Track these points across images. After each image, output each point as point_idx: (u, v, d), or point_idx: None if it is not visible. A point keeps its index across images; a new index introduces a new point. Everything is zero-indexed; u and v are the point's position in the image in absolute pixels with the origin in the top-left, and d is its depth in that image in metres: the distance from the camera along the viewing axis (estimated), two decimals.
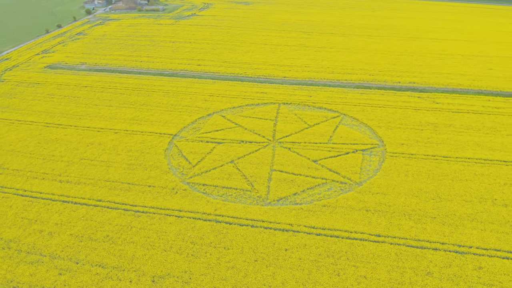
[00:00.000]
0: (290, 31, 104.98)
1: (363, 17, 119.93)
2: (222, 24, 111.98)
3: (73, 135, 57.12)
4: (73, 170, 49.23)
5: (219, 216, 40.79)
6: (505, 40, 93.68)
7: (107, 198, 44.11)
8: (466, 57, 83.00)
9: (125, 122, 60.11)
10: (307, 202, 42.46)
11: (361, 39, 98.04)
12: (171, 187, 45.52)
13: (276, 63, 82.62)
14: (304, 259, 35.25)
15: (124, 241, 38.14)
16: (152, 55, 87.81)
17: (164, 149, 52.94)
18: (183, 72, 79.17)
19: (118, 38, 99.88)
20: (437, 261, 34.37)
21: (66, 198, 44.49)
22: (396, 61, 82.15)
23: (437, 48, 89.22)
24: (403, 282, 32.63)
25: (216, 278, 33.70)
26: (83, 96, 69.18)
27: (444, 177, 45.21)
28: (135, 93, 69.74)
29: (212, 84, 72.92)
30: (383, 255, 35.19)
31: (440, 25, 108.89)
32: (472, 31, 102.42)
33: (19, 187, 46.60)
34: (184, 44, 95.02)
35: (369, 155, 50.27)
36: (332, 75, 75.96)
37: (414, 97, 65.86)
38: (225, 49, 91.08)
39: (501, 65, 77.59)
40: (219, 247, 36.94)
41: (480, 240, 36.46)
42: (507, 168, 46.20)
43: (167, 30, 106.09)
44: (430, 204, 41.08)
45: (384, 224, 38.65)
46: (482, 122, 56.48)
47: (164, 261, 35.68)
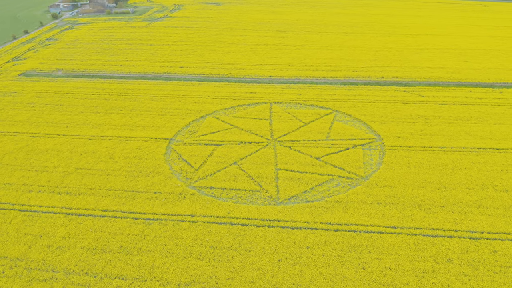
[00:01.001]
0: (267, 30, 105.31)
1: (336, 15, 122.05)
2: (197, 25, 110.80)
3: (63, 144, 54.86)
4: (71, 180, 47.31)
5: (233, 219, 40.42)
6: (475, 34, 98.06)
7: (113, 207, 42.70)
8: (442, 51, 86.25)
9: (116, 129, 58.34)
10: (318, 199, 42.82)
11: (338, 36, 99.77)
12: (178, 192, 44.66)
13: (259, 62, 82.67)
14: (327, 255, 35.55)
15: (140, 250, 37.06)
16: (131, 59, 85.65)
17: (162, 154, 51.84)
18: (167, 75, 77.77)
19: (91, 42, 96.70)
20: (454, 248, 35.58)
21: (68, 210, 42.71)
22: (376, 57, 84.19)
23: (412, 43, 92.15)
24: (427, 271, 33.57)
25: (244, 281, 33.39)
26: (66, 103, 66.54)
27: (444, 167, 46.84)
28: (121, 98, 67.83)
29: (199, 86, 72.05)
30: (402, 246, 36.05)
31: (411, 21, 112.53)
32: (443, 26, 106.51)
33: (15, 201, 44.28)
34: (162, 46, 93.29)
35: (368, 150, 51.30)
36: (317, 72, 76.88)
37: (400, 91, 67.76)
38: (205, 50, 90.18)
39: (475, 58, 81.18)
40: (240, 249, 36.61)
41: (490, 225, 38.06)
42: (501, 155, 48.44)
43: (142, 32, 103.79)
44: (436, 194, 42.45)
45: (398, 216, 39.59)
46: (468, 113, 58.91)
47: (187, 267, 34.97)
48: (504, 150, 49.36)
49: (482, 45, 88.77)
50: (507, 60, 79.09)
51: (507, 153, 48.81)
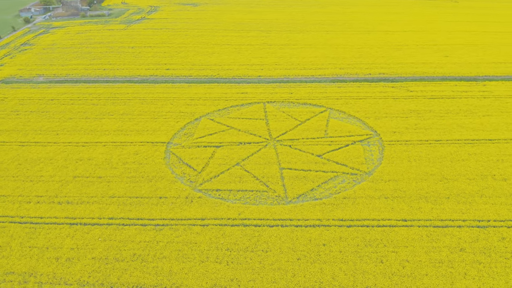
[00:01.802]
0: (249, 31, 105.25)
1: (314, 14, 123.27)
2: (177, 26, 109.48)
3: (56, 152, 53.07)
4: (70, 189, 45.84)
5: (245, 220, 40.21)
6: (450, 29, 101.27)
7: (119, 215, 41.67)
8: (422, 47, 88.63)
9: (110, 134, 56.93)
10: (326, 196, 43.19)
11: (319, 35, 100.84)
12: (184, 196, 44.03)
13: (245, 62, 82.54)
14: (344, 251, 35.92)
15: (154, 257, 36.32)
16: (115, 62, 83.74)
17: (162, 158, 50.99)
18: (154, 78, 76.51)
19: (70, 46, 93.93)
20: (465, 238, 36.69)
21: (72, 220, 41.36)
22: (360, 54, 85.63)
23: (392, 40, 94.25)
24: (442, 261, 34.47)
25: (266, 282, 33.30)
26: (52, 110, 64.36)
27: (443, 159, 48.19)
28: (110, 103, 66.22)
29: (188, 88, 71.26)
30: (416, 238, 36.86)
31: (387, 18, 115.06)
32: (418, 23, 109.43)
33: (14, 214, 42.52)
34: (144, 49, 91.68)
35: (368, 145, 52.14)
36: (305, 71, 77.48)
37: (388, 87, 69.20)
38: (189, 52, 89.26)
39: (454, 52, 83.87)
40: (257, 250, 36.47)
41: (494, 213, 39.46)
42: (494, 146, 50.28)
43: (121, 35, 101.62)
44: (440, 186, 43.64)
45: (406, 209, 40.45)
46: (457, 106, 60.83)
47: (206, 272, 34.54)
48: (496, 141, 51.23)
49: (459, 40, 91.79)
50: (485, 54, 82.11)
51: (500, 144, 50.70)
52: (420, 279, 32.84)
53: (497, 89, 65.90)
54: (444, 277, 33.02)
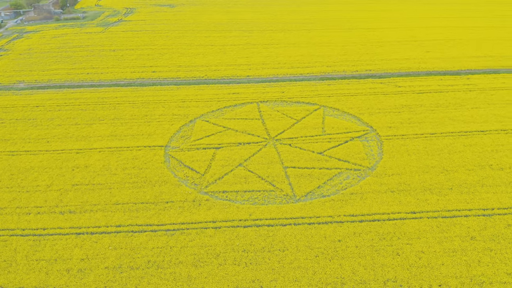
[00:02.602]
0: (230, 31, 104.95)
1: (292, 13, 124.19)
2: (157, 28, 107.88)
3: (50, 160, 51.25)
4: (70, 198, 44.38)
5: (257, 220, 40.09)
6: (427, 25, 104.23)
7: (127, 222, 40.68)
8: (402, 43, 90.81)
9: (103, 140, 55.49)
10: (334, 192, 43.61)
11: (301, 33, 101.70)
12: (191, 200, 43.45)
13: (232, 63, 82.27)
14: (360, 246, 36.38)
15: (170, 263, 35.67)
16: (97, 66, 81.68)
17: (162, 162, 50.12)
18: (141, 81, 75.10)
19: (48, 51, 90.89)
20: (474, 226, 37.87)
21: (78, 230, 40.06)
22: (344, 51, 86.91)
23: (373, 37, 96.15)
24: (456, 250, 35.48)
25: (288, 281, 33.31)
26: (39, 117, 62.11)
27: (440, 151, 49.56)
28: (99, 108, 64.53)
29: (178, 90, 70.36)
30: (427, 229, 37.75)
31: (365, 16, 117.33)
32: (395, 19, 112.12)
33: (14, 226, 40.75)
34: (126, 51, 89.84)
35: (366, 141, 52.99)
36: (293, 70, 77.97)
37: (376, 83, 70.56)
38: (173, 53, 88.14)
39: (435, 48, 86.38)
40: (273, 250, 36.42)
41: (497, 201, 40.93)
42: (487, 137, 52.12)
43: (100, 38, 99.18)
44: (442, 177, 44.87)
45: (413, 202, 41.37)
46: (446, 99, 62.69)
47: (226, 275, 34.21)
48: (488, 132, 53.14)
49: (438, 36, 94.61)
50: (464, 49, 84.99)
51: (491, 134, 52.60)
52: (438, 269, 33.65)
53: (481, 82, 68.32)
54: (459, 265, 33.97)
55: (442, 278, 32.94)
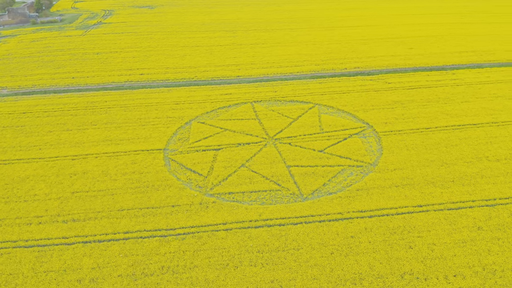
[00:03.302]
0: (214, 31, 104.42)
1: (273, 12, 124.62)
2: (139, 30, 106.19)
3: (45, 168, 49.69)
4: (72, 206, 43.14)
5: (267, 220, 40.03)
6: (406, 23, 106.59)
7: (135, 228, 39.86)
8: (386, 40, 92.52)
9: (99, 145, 54.21)
10: (340, 190, 44.02)
11: (286, 33, 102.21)
12: (197, 203, 42.99)
13: (220, 63, 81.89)
14: (373, 241, 36.85)
15: (185, 267, 35.19)
16: (82, 70, 79.72)
17: (163, 166, 49.38)
18: (129, 84, 73.75)
19: (28, 55, 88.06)
20: (479, 217, 38.98)
21: (84, 238, 38.97)
22: (330, 50, 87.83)
23: (356, 35, 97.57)
24: (465, 241, 36.42)
25: (306, 279, 33.40)
26: (28, 124, 60.12)
27: (438, 145, 50.77)
28: (90, 112, 62.99)
29: (169, 93, 69.48)
30: (435, 222, 38.60)
31: (345, 14, 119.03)
32: (374, 17, 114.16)
33: (16, 238, 39.29)
34: (111, 54, 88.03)
35: (364, 137, 53.72)
36: (282, 69, 78.25)
37: (366, 80, 71.62)
38: (160, 55, 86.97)
39: (417, 44, 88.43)
40: (288, 249, 36.45)
41: (498, 192, 42.26)
42: (480, 130, 53.74)
43: (82, 41, 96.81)
44: (442, 170, 45.98)
45: (419, 195, 42.22)
46: (436, 94, 64.26)
47: (243, 276, 34.01)
48: (480, 125, 54.80)
49: (418, 33, 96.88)
50: (445, 45, 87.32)
51: (484, 127, 54.25)
52: (451, 260, 34.46)
53: (467, 77, 70.37)
54: (471, 255, 34.88)
55: (456, 269, 33.74)
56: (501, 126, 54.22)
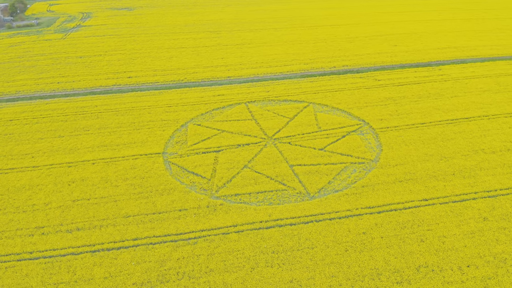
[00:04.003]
0: (198, 32, 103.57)
1: (255, 12, 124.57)
2: (121, 32, 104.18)
3: (41, 177, 48.10)
4: (74, 215, 41.94)
5: (278, 221, 39.99)
6: (386, 20, 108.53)
7: (143, 234, 39.09)
8: (370, 38, 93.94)
9: (94, 151, 52.89)
10: (345, 187, 44.42)
11: (270, 32, 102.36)
12: (204, 206, 42.54)
13: (209, 64, 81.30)
14: (385, 236, 37.36)
15: (201, 272, 34.76)
16: (67, 74, 77.58)
17: (164, 170, 48.62)
18: (118, 87, 72.25)
19: (8, 61, 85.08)
20: (484, 208, 40.10)
21: (92, 247, 37.95)
22: (317, 48, 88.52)
23: (340, 33, 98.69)
24: (474, 231, 37.41)
25: (325, 277, 33.56)
26: (16, 131, 58.05)
27: (434, 140, 51.93)
28: (80, 118, 61.38)
29: (160, 95, 68.46)
30: (442, 215, 39.48)
31: (326, 13, 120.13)
32: (355, 16, 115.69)
33: (19, 250, 37.90)
34: (95, 58, 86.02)
35: (362, 134, 54.39)
36: (271, 68, 78.33)
37: (356, 78, 72.56)
38: (145, 58, 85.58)
39: (401, 41, 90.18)
40: (302, 248, 36.53)
41: (498, 183, 43.60)
42: (472, 124, 55.29)
43: (63, 45, 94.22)
44: (442, 164, 47.06)
45: (423, 189, 43.08)
46: (426, 90, 65.73)
47: (261, 278, 33.87)
48: (472, 119, 56.38)
49: (400, 30, 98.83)
50: (428, 41, 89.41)
51: (476, 121, 55.85)
52: (462, 251, 35.32)
53: (453, 72, 72.26)
54: (480, 245, 35.85)
55: (468, 259, 34.60)
56: (492, 119, 55.93)
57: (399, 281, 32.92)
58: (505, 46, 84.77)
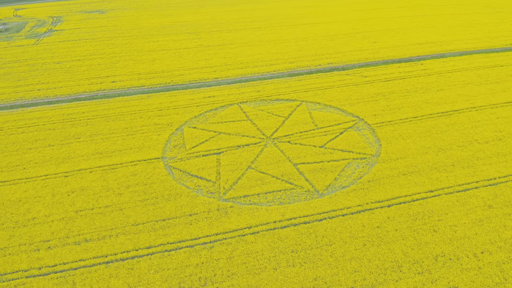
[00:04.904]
0: (177, 34, 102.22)
1: (230, 13, 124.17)
2: (97, 36, 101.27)
3: (36, 188, 46.13)
4: (79, 226, 40.47)
5: (291, 220, 40.06)
6: (361, 18, 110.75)
7: (157, 241, 38.22)
8: (349, 36, 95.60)
9: (90, 159, 51.22)
10: (351, 183, 45.04)
11: (249, 32, 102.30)
12: (215, 209, 42.05)
13: (194, 66, 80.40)
14: (399, 229, 38.16)
15: (224, 276, 34.35)
16: (47, 81, 74.69)
17: (166, 175, 47.72)
18: (103, 93, 70.23)
19: None
20: (487, 196, 41.69)
21: (104, 258, 36.74)
22: (299, 47, 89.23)
23: (320, 32, 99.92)
24: (481, 219, 38.82)
25: (348, 273, 33.90)
26: (2, 142, 55.41)
27: (429, 132, 53.47)
28: (69, 125, 59.26)
29: (149, 99, 67.09)
30: (450, 205, 40.73)
31: (300, 12, 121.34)
32: (330, 14, 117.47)
33: (26, 267, 36.20)
34: (74, 63, 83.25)
35: (359, 130, 55.30)
36: (258, 68, 78.34)
37: (343, 75, 73.69)
38: (127, 61, 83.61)
39: (380, 38, 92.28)
40: (321, 246, 36.75)
41: (496, 171, 45.42)
42: (462, 115, 57.31)
43: (37, 51, 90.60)
44: (441, 156, 48.54)
45: (427, 181, 44.27)
46: (412, 85, 67.57)
47: (285, 278, 33.83)
48: (461, 111, 58.46)
49: (376, 27, 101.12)
50: (405, 37, 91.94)
51: (464, 113, 57.95)
52: (475, 238, 36.57)
53: (435, 67, 74.63)
54: (490, 232, 37.25)
55: (481, 246, 35.88)
56: (480, 111, 58.17)
57: (420, 272, 33.70)
58: (479, 40, 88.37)
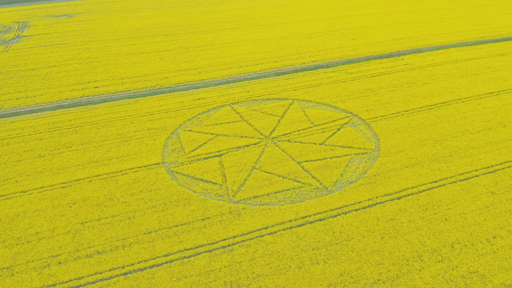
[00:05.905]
0: (153, 36, 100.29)
1: (204, 13, 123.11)
2: (69, 41, 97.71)
3: (34, 202, 44.03)
4: (88, 238, 38.98)
5: (306, 217, 40.25)
6: (336, 16, 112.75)
7: (174, 248, 37.41)
8: (327, 34, 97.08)
9: (85, 168, 49.40)
10: (358, 178, 45.78)
11: (227, 33, 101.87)
12: (227, 212, 41.63)
13: (177, 68, 79.20)
14: (412, 219, 39.15)
15: (249, 279, 34.06)
16: (25, 89, 71.36)
17: (170, 180, 46.76)
18: (87, 99, 67.89)
19: None
20: (488, 183, 43.47)
21: (121, 270, 35.58)
22: (280, 46, 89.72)
23: (297, 30, 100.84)
24: (487, 206, 40.45)
25: (372, 266, 34.45)
26: None
27: (423, 125, 55.14)
28: (57, 134, 56.90)
29: (137, 104, 65.46)
30: (455, 193, 42.19)
31: (275, 11, 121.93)
32: (304, 13, 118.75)
33: (38, 285, 34.49)
34: (50, 69, 79.97)
35: (354, 126, 56.27)
36: (243, 69, 78.14)
37: (328, 72, 74.74)
38: (107, 66, 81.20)
39: (357, 35, 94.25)
40: (340, 242, 37.14)
41: (492, 159, 47.44)
42: (450, 107, 59.46)
43: (8, 58, 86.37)
44: (438, 147, 50.18)
45: (430, 172, 45.64)
46: (398, 80, 69.46)
47: (311, 275, 33.97)
48: (449, 103, 60.64)
49: (352, 24, 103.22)
50: (382, 34, 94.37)
51: (452, 104, 60.16)
52: (485, 224, 38.08)
53: (415, 61, 77.02)
54: (498, 217, 38.91)
55: (492, 231, 37.40)
56: (466, 102, 60.57)
57: (440, 260, 34.71)
58: (451, 34, 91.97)
